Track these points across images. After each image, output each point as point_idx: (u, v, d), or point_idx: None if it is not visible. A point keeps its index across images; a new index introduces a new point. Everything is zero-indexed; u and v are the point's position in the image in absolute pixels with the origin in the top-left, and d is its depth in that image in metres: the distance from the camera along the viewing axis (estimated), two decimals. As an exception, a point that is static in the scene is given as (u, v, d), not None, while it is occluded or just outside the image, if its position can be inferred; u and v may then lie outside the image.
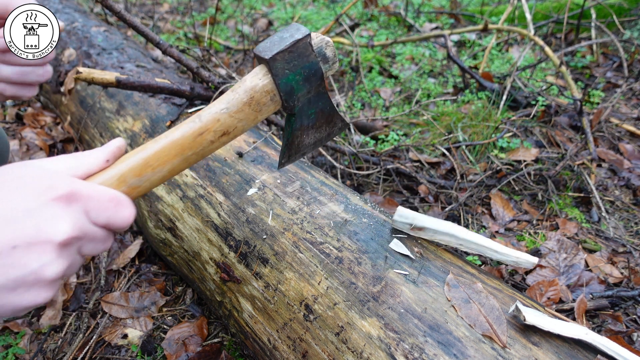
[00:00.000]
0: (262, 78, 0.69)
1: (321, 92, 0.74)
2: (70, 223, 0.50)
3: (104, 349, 1.23)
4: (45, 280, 0.49)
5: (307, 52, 0.69)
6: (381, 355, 0.73)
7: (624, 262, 1.45)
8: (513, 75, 2.20)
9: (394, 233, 0.89)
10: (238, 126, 0.69)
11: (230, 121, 0.67)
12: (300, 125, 0.76)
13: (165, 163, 0.64)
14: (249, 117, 0.69)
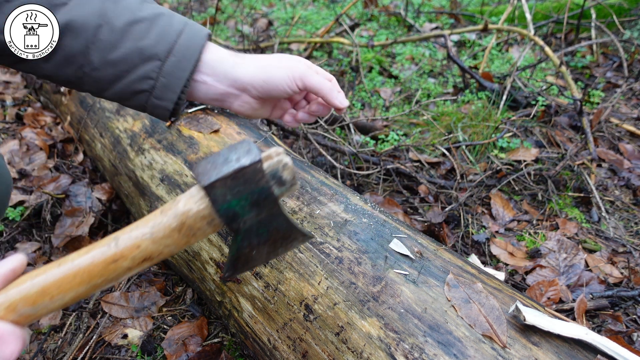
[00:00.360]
0: (198, 202, 0.60)
1: (275, 213, 0.64)
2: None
3: (104, 349, 1.23)
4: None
5: (256, 178, 0.60)
6: (381, 355, 0.73)
7: (624, 262, 1.45)
8: (513, 75, 2.20)
9: None
10: (164, 251, 0.61)
11: (153, 247, 0.60)
12: (249, 244, 0.67)
13: (67, 291, 0.56)
14: (178, 243, 0.61)
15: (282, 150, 0.63)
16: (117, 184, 1.54)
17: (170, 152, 1.29)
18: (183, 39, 0.79)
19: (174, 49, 0.78)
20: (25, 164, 1.89)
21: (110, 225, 1.62)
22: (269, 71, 0.82)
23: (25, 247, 1.54)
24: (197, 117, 1.36)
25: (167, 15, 0.80)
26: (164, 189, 1.25)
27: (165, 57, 0.78)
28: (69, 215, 1.62)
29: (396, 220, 0.98)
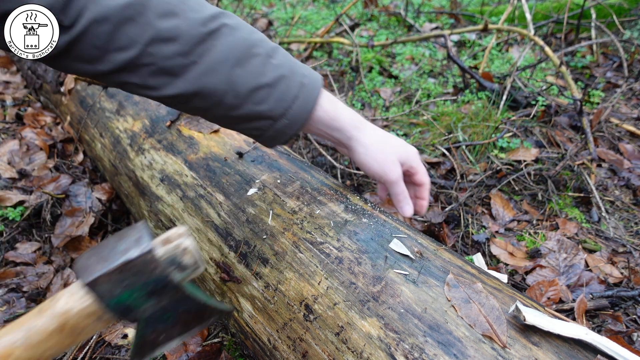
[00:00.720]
0: (81, 299, 0.54)
1: (180, 298, 0.59)
2: None
3: (104, 349, 1.23)
4: None
5: (148, 268, 0.54)
6: (381, 355, 0.73)
7: (624, 262, 1.45)
8: (513, 75, 2.20)
9: None
10: (46, 354, 0.54)
11: (31, 352, 0.53)
12: (154, 330, 0.61)
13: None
14: (63, 343, 0.55)
15: (183, 231, 0.58)
16: (117, 184, 1.54)
17: (170, 152, 1.29)
18: (297, 105, 0.86)
19: (287, 113, 0.86)
20: (25, 164, 1.89)
21: (110, 225, 1.62)
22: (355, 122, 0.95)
23: (25, 247, 1.54)
24: (197, 117, 1.36)
25: (287, 77, 0.86)
26: (164, 189, 1.25)
27: (278, 118, 0.86)
28: (69, 215, 1.62)
29: (396, 220, 0.98)
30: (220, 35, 0.79)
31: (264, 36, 0.87)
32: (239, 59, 0.81)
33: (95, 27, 0.72)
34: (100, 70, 0.78)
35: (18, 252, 1.52)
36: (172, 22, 0.75)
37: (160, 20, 0.74)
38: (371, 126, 0.95)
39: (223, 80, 0.80)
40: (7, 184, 1.75)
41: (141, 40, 0.74)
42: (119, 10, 0.72)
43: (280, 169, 1.13)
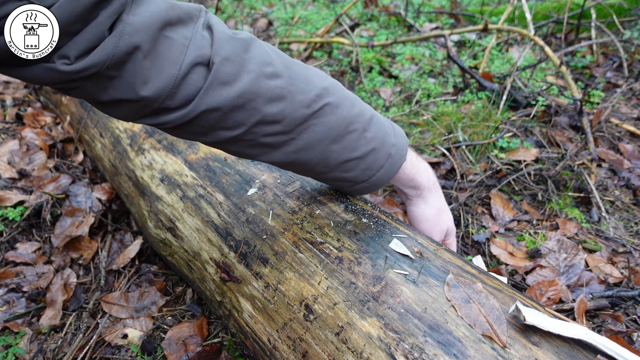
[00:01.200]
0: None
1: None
2: None
3: (104, 349, 1.23)
4: None
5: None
6: (381, 355, 0.73)
7: (624, 262, 1.45)
8: (513, 75, 2.20)
9: None
10: None
11: None
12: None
13: None
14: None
15: None
16: (117, 184, 1.54)
17: (170, 152, 1.29)
18: (381, 173, 0.91)
19: (370, 179, 0.91)
20: (25, 164, 1.89)
21: (110, 225, 1.62)
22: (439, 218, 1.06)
23: (25, 247, 1.54)
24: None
25: (377, 150, 0.89)
26: (164, 189, 1.25)
27: (360, 182, 0.92)
28: (69, 215, 1.62)
29: (396, 220, 0.98)
30: (322, 114, 0.81)
31: (362, 106, 0.88)
32: (337, 136, 0.84)
33: (207, 115, 0.74)
34: (203, 140, 0.81)
35: (18, 252, 1.52)
36: (279, 106, 0.77)
37: (268, 106, 0.76)
38: (439, 191, 1.05)
39: (318, 155, 0.84)
40: (7, 184, 1.75)
41: (248, 123, 0.77)
42: (230, 101, 0.73)
43: (280, 169, 1.13)
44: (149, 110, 0.72)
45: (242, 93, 0.73)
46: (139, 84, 0.68)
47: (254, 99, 0.74)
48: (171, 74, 0.69)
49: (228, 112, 0.74)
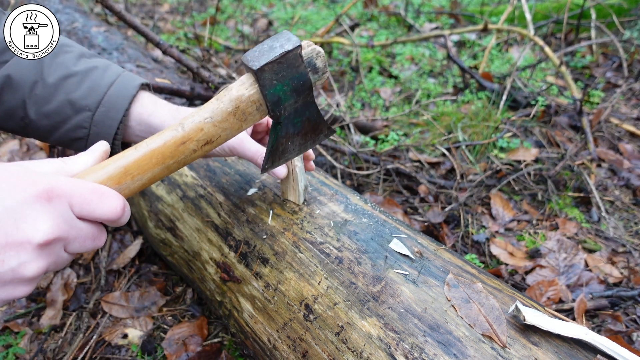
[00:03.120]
0: (248, 88, 0.66)
1: (309, 102, 0.72)
2: (51, 222, 0.49)
3: (104, 349, 1.23)
4: (23, 278, 0.49)
5: (296, 63, 0.66)
6: (381, 355, 0.73)
7: (623, 262, 1.45)
8: (513, 75, 2.20)
9: None
10: (222, 135, 0.67)
11: (213, 130, 0.65)
12: (286, 133, 0.74)
13: (145, 171, 0.62)
14: (233, 127, 0.67)
15: (312, 42, 0.69)
16: (117, 184, 1.53)
17: (170, 152, 1.29)
18: (113, 90, 0.84)
19: (104, 100, 0.83)
20: (25, 164, 1.89)
21: (110, 225, 1.62)
22: (177, 117, 0.87)
23: (25, 247, 1.54)
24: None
25: (101, 68, 0.85)
26: (164, 189, 1.25)
27: (96, 108, 0.83)
28: (69, 215, 1.62)
29: (396, 220, 0.99)
30: None
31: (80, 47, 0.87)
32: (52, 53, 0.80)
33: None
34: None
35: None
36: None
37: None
38: None
39: (31, 68, 0.80)
40: (7, 184, 1.75)
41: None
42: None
43: (280, 169, 1.13)
44: None
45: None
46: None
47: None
48: None
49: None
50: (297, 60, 0.66)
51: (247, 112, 0.67)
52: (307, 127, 0.76)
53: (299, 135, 0.76)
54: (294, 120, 0.73)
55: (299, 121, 0.74)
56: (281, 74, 0.66)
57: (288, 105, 0.69)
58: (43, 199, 0.49)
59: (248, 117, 0.68)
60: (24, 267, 0.48)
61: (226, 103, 0.65)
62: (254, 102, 0.66)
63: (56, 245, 0.51)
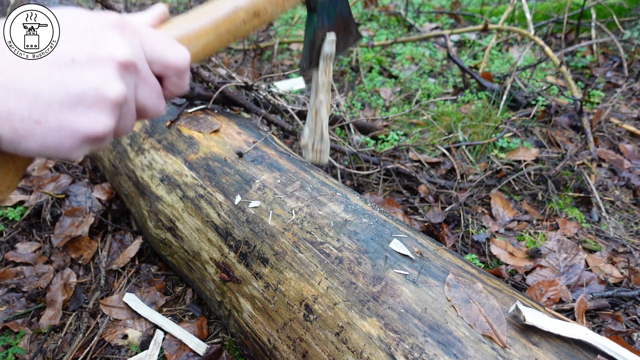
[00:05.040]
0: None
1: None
2: (128, 46, 0.48)
3: (104, 349, 1.23)
4: (106, 99, 0.46)
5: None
6: (381, 355, 0.73)
7: (624, 262, 1.45)
8: (513, 75, 2.20)
9: None
10: (268, 9, 0.69)
11: (262, 3, 0.68)
12: (322, 24, 0.77)
13: (200, 37, 0.63)
14: (278, 2, 0.70)
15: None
16: (117, 184, 1.54)
17: (170, 152, 1.29)
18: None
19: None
20: (25, 164, 1.89)
21: (110, 225, 1.62)
22: None
23: (25, 247, 1.54)
24: (197, 117, 1.36)
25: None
26: (164, 189, 1.25)
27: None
28: (69, 215, 1.62)
29: (396, 220, 0.98)
30: None
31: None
32: None
33: None
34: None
35: (18, 252, 1.52)
36: None
37: None
38: None
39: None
40: (7, 184, 1.74)
41: None
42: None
43: (280, 169, 1.13)
44: None
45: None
46: None
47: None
48: None
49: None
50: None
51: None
52: (340, 22, 0.79)
53: (332, 30, 0.79)
54: (328, 9, 0.76)
55: (333, 13, 0.77)
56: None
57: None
58: (118, 27, 0.48)
59: None
60: (106, 85, 0.46)
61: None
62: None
63: (132, 74, 0.49)
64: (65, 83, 0.44)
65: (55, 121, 0.43)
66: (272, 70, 2.76)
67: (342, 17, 0.79)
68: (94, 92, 0.45)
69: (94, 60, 0.46)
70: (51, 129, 0.43)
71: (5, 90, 0.42)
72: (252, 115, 1.66)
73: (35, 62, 0.45)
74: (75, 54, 0.45)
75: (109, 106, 0.46)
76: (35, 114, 0.43)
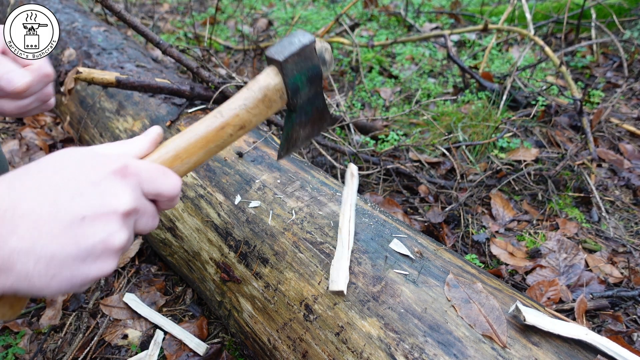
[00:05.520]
0: (274, 78, 0.75)
1: (318, 91, 0.81)
2: (129, 194, 0.54)
3: (104, 349, 1.23)
4: (112, 248, 0.52)
5: (311, 56, 0.76)
6: (381, 355, 0.73)
7: (624, 262, 1.45)
8: (513, 75, 2.20)
9: None
10: (253, 120, 0.74)
11: (247, 116, 0.73)
12: (299, 121, 0.82)
13: (192, 155, 0.69)
14: (261, 113, 0.75)
15: (321, 39, 0.80)
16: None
17: (170, 152, 1.29)
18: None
19: None
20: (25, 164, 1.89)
21: (110, 225, 1.62)
22: None
23: (25, 247, 1.54)
24: (197, 117, 1.36)
25: None
26: (164, 189, 1.25)
27: None
28: (69, 215, 1.62)
29: (396, 220, 0.98)
30: None
31: None
32: None
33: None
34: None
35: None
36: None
37: None
38: None
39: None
40: (7, 184, 1.74)
41: None
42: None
43: (280, 169, 1.13)
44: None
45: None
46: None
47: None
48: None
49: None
50: (312, 53, 0.76)
51: (272, 99, 0.75)
52: (316, 115, 0.84)
53: (309, 123, 0.84)
54: (306, 108, 0.81)
55: (310, 109, 0.82)
56: (300, 65, 0.75)
57: (303, 93, 0.78)
58: (120, 175, 0.55)
59: (273, 104, 0.76)
60: (112, 237, 0.52)
61: (256, 91, 0.73)
62: (278, 90, 0.75)
63: (133, 217, 0.56)
64: (77, 241, 0.50)
65: (69, 273, 0.50)
66: (272, 70, 2.75)
67: (318, 110, 0.84)
68: (101, 245, 0.51)
69: (101, 215, 0.52)
70: (64, 279, 0.50)
71: (25, 256, 0.47)
72: (252, 115, 1.66)
73: (52, 224, 0.50)
74: (85, 211, 0.50)
75: (115, 253, 0.53)
76: (51, 271, 0.49)
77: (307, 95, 0.80)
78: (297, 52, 0.74)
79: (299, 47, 0.75)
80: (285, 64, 0.74)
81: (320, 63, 0.78)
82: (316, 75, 0.78)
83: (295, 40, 0.76)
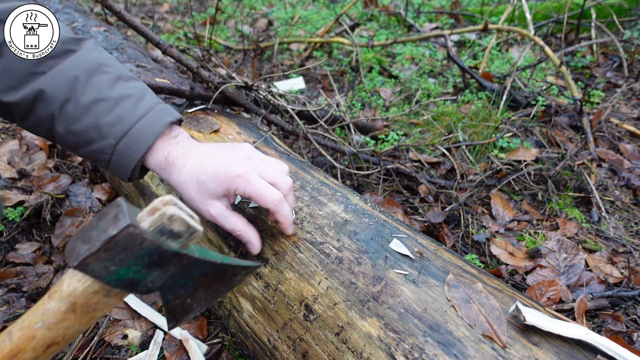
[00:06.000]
0: (81, 279, 0.55)
1: (188, 264, 0.58)
2: None
3: (104, 349, 1.23)
4: None
5: (135, 242, 0.52)
6: (381, 355, 0.73)
7: (624, 262, 1.45)
8: (513, 75, 2.20)
9: None
10: (68, 333, 0.56)
11: (51, 334, 0.55)
12: (175, 296, 0.61)
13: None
14: (81, 321, 0.56)
15: (168, 199, 0.57)
16: (117, 184, 1.54)
17: (170, 152, 1.29)
18: (141, 124, 0.83)
19: (130, 131, 0.83)
20: (25, 164, 1.89)
21: (110, 225, 1.62)
22: (201, 179, 0.83)
23: (25, 247, 1.54)
24: (197, 117, 1.36)
25: (135, 97, 0.85)
26: (163, 189, 1.25)
27: (120, 138, 0.83)
28: (69, 215, 1.62)
29: (396, 220, 0.98)
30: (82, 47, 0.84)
31: (122, 67, 0.88)
32: (88, 70, 0.82)
33: None
34: None
35: (18, 252, 1.52)
36: None
37: None
38: None
39: (65, 85, 0.80)
40: (7, 184, 1.75)
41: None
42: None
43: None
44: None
45: None
46: None
47: None
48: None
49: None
50: (134, 239, 0.52)
51: (91, 304, 0.55)
52: (206, 280, 0.62)
53: (197, 290, 0.62)
54: (178, 283, 0.60)
55: (188, 281, 0.60)
56: (118, 259, 0.53)
57: (154, 279, 0.57)
58: None
59: (98, 307, 0.56)
60: None
61: (58, 302, 0.55)
62: (95, 292, 0.55)
63: None
64: None
65: None
66: (272, 70, 2.76)
67: (206, 275, 0.62)
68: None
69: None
70: None
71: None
72: (252, 115, 1.66)
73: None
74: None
75: None
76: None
77: (165, 275, 0.57)
78: (103, 248, 0.51)
79: (102, 242, 0.51)
80: (85, 267, 0.52)
81: (162, 242, 0.54)
82: (162, 257, 0.55)
83: (101, 228, 0.53)
